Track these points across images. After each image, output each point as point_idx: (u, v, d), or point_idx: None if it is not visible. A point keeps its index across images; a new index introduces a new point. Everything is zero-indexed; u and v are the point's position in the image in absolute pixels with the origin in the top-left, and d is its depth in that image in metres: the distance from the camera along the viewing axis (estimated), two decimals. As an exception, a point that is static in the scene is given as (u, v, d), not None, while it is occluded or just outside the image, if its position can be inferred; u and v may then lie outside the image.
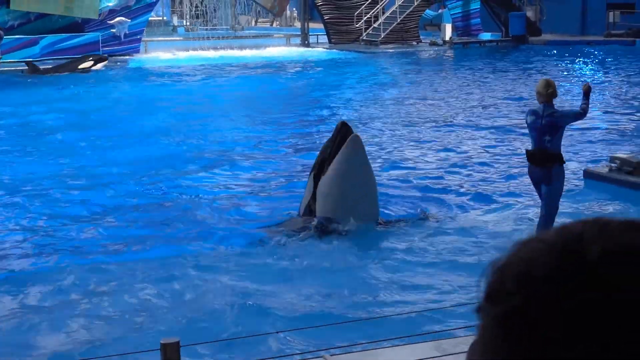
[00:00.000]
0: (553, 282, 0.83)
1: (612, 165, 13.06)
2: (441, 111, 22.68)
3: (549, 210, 10.24)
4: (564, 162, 10.27)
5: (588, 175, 13.39)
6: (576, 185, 13.39)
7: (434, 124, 20.57)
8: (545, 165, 10.06)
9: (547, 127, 9.94)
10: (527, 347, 0.83)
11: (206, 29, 47.94)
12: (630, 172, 12.70)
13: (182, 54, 40.43)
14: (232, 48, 42.27)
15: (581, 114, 10.11)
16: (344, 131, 11.25)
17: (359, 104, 24.41)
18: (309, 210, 11.50)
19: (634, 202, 12.02)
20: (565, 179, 14.04)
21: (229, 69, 34.78)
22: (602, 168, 13.35)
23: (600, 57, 37.42)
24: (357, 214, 11.11)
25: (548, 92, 9.94)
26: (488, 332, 0.87)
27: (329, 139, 11.66)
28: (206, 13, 50.68)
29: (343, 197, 11.09)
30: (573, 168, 14.23)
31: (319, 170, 11.39)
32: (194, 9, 50.74)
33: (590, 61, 36.56)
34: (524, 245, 0.89)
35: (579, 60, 36.72)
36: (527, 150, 10.40)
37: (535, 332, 0.83)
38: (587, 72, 32.68)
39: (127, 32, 38.27)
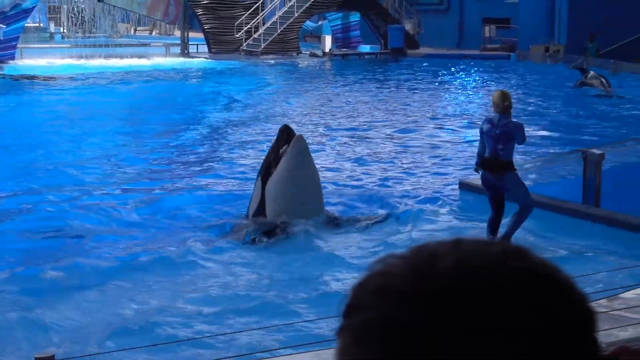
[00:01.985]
0: (406, 294, 0.86)
1: (486, 176, 13.25)
2: (320, 119, 22.77)
3: (525, 206, 10.61)
4: (515, 170, 10.58)
5: (463, 186, 13.58)
6: (452, 197, 13.58)
7: (312, 131, 20.66)
8: (497, 171, 10.44)
9: (501, 136, 10.31)
10: (379, 357, 0.86)
11: (84, 37, 47.09)
12: (504, 184, 12.91)
13: (59, 62, 39.61)
14: (110, 57, 41.60)
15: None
16: (287, 133, 11.61)
17: (236, 113, 24.32)
18: (259, 212, 11.66)
19: (506, 212, 12.21)
20: (441, 193, 14.35)
21: (106, 78, 34.18)
22: (477, 180, 13.53)
23: (476, 71, 38.25)
24: (306, 213, 11.45)
25: (505, 105, 10.31)
26: (344, 347, 0.89)
27: (273, 142, 11.93)
28: (84, 20, 49.80)
29: (292, 197, 11.41)
30: (448, 178, 14.43)
31: (265, 172, 11.62)
32: (71, 15, 49.80)
33: (466, 74, 37.32)
34: (382, 261, 0.92)
35: (456, 73, 37.45)
36: (481, 157, 10.73)
37: (388, 343, 0.85)
38: (464, 85, 33.33)
39: (2, 39, 37.31)
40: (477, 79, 35.80)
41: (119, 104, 26.17)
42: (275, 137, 12.19)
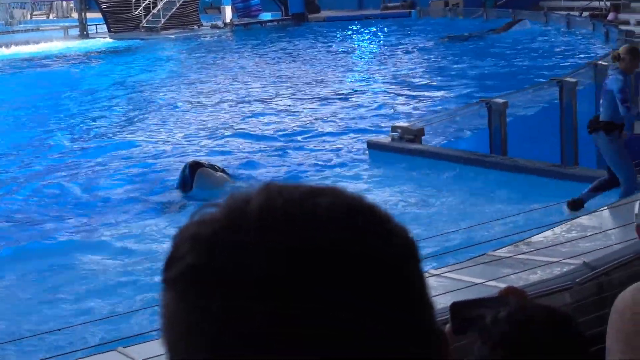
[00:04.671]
0: (217, 237, 0.86)
1: (394, 134, 13.34)
2: (225, 92, 22.65)
3: (624, 180, 9.47)
4: (610, 134, 9.52)
5: (372, 146, 13.62)
6: (361, 157, 13.65)
7: (218, 104, 20.54)
8: (591, 131, 9.74)
9: (604, 91, 9.70)
10: (196, 304, 0.84)
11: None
12: (411, 140, 13.02)
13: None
14: (5, 45, 40.48)
15: (628, 107, 9.46)
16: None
17: (137, 92, 24.03)
18: None
19: (415, 167, 12.33)
20: (351, 151, 14.42)
21: (2, 67, 33.36)
22: (385, 138, 13.62)
23: (379, 30, 38.37)
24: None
25: (626, 60, 9.44)
26: (166, 299, 0.88)
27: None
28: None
29: None
30: (356, 140, 14.49)
31: None
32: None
33: (368, 34, 37.44)
34: (197, 212, 0.91)
35: (358, 34, 37.53)
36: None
37: (201, 290, 0.84)
38: (366, 45, 33.44)
39: None
40: (378, 38, 35.92)
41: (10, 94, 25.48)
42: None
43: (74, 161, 15.68)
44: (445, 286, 5.63)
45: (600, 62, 16.70)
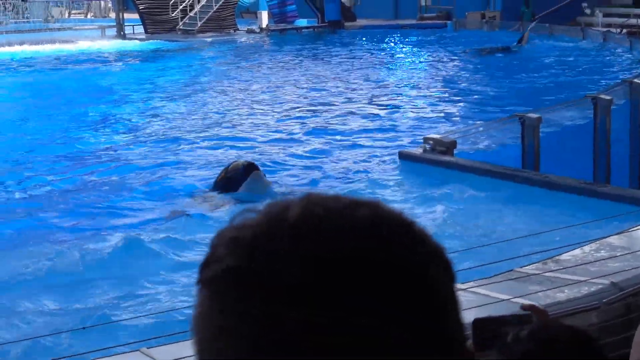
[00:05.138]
0: (257, 242, 0.88)
1: (426, 146, 13.31)
2: (263, 98, 22.71)
3: None
4: None
5: (403, 156, 13.58)
6: (392, 168, 13.63)
7: (252, 109, 20.61)
8: None
9: None
10: (234, 307, 0.87)
11: (17, 22, 46.30)
12: (443, 152, 12.98)
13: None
14: (42, 42, 40.80)
15: None
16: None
17: (176, 94, 24.14)
18: None
19: (447, 180, 12.29)
20: (382, 162, 14.41)
21: (39, 64, 33.61)
22: (417, 149, 13.59)
23: (414, 40, 38.33)
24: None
25: None
26: (201, 299, 0.90)
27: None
28: (16, 5, 48.95)
29: None
30: (390, 151, 14.47)
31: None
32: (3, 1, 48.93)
33: (404, 44, 37.40)
34: (238, 216, 0.94)
35: (394, 44, 37.51)
36: None
37: (239, 293, 0.87)
38: (401, 55, 33.41)
39: None
40: (414, 49, 35.89)
41: (43, 91, 25.67)
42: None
43: (107, 159, 15.80)
44: (471, 301, 5.61)
45: (635, 80, 16.59)
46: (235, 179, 12.62)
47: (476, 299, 5.67)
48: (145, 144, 17.18)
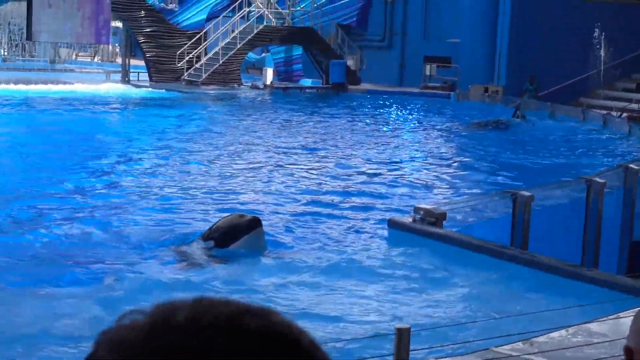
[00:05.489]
0: (136, 348, 0.88)
1: (416, 215, 13.29)
2: (257, 154, 22.78)
3: None
4: None
5: (392, 224, 13.57)
6: (381, 235, 13.60)
7: (245, 164, 20.69)
8: None
9: None
10: None
11: (24, 60, 46.63)
12: (432, 223, 12.96)
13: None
14: (47, 82, 40.97)
15: None
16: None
17: (167, 142, 24.23)
18: None
19: (435, 252, 12.27)
20: (370, 230, 14.39)
21: (42, 104, 33.76)
22: (406, 218, 13.57)
23: (416, 108, 38.53)
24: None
25: None
26: None
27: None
28: (25, 44, 49.30)
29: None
30: (379, 218, 14.46)
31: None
32: (13, 39, 49.26)
33: (406, 111, 37.60)
34: (126, 316, 0.93)
35: (396, 110, 37.70)
36: None
37: None
38: (400, 123, 33.57)
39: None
40: (415, 116, 36.10)
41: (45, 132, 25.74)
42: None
43: (98, 204, 15.78)
44: (442, 379, 5.56)
45: (631, 165, 16.63)
46: (236, 231, 12.34)
47: (448, 377, 5.61)
48: (134, 190, 17.20)
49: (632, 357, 2.47)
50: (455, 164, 22.64)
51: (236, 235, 12.28)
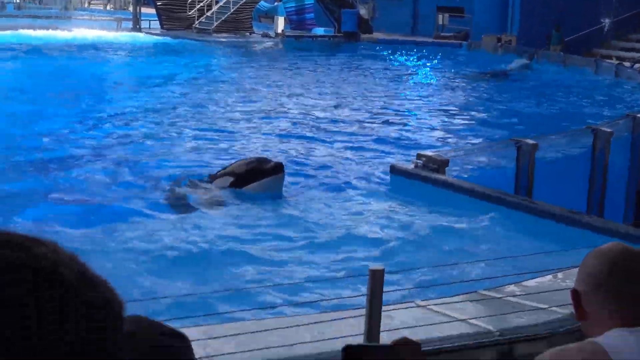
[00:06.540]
0: None
1: (418, 162, 13.23)
2: (268, 101, 22.74)
3: None
4: None
5: (394, 170, 13.51)
6: (383, 181, 13.59)
7: (262, 113, 20.71)
8: None
9: None
10: None
11: (38, 8, 46.53)
12: (435, 170, 12.90)
13: (8, 33, 38.93)
14: (59, 29, 40.95)
15: None
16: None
17: (177, 90, 24.21)
18: None
19: (436, 198, 12.23)
20: (373, 175, 14.36)
21: (53, 50, 33.71)
22: (409, 165, 13.50)
23: (427, 58, 38.27)
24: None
25: None
26: None
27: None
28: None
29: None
30: (382, 163, 14.44)
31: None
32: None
33: (417, 61, 37.37)
34: None
35: (407, 59, 37.47)
36: None
37: None
38: (411, 72, 33.38)
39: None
40: (426, 65, 35.88)
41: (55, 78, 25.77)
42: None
43: (106, 147, 15.83)
44: (426, 319, 5.55)
45: (639, 115, 16.49)
46: (258, 172, 12.47)
47: (431, 317, 5.60)
48: (146, 133, 17.26)
49: (579, 299, 2.56)
50: (463, 114, 22.51)
51: (257, 177, 12.39)
